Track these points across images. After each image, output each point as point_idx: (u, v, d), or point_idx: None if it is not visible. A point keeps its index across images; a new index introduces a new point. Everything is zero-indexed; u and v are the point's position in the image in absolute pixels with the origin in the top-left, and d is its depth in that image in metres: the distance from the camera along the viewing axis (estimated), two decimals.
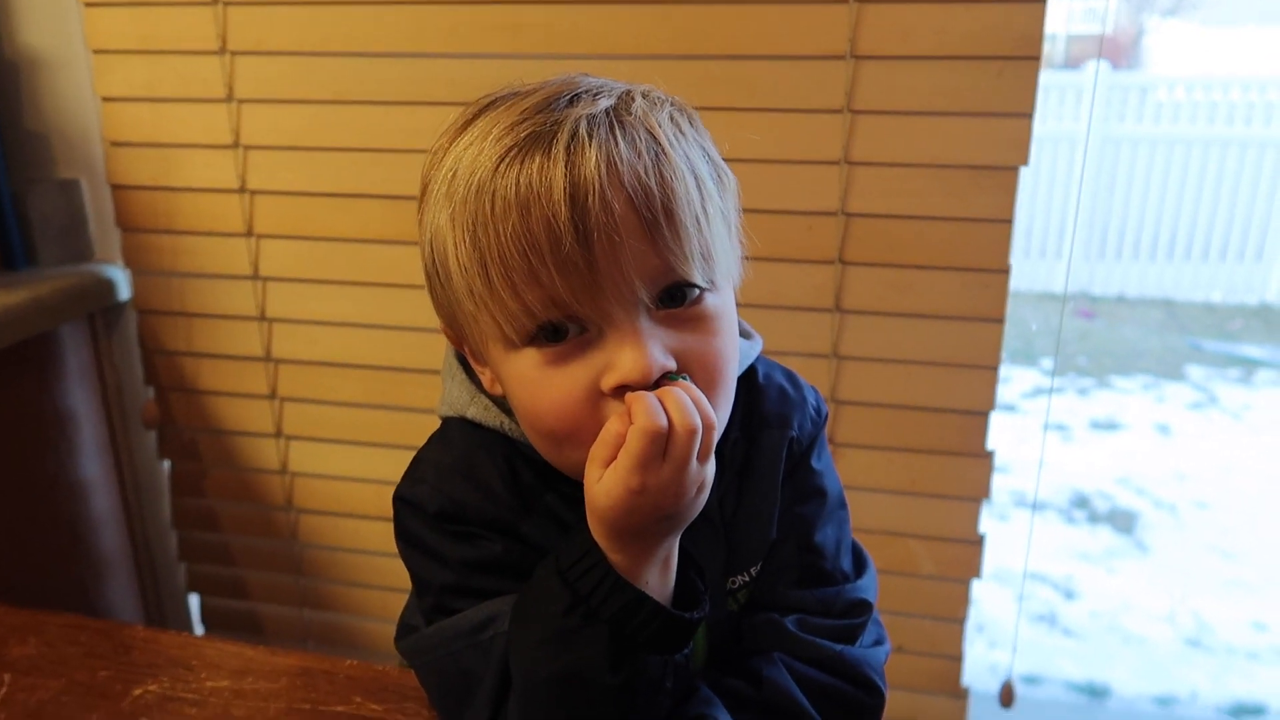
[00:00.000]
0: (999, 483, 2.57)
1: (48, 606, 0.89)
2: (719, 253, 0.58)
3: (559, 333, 0.55)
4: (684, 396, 0.53)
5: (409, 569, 0.66)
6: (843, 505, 0.72)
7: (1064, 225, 4.83)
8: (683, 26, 1.10)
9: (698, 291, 0.57)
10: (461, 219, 0.55)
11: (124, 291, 1.37)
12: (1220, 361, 4.06)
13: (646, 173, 0.53)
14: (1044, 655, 2.15)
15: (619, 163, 0.53)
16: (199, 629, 1.54)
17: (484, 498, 0.62)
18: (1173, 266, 4.88)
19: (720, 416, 0.60)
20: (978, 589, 1.22)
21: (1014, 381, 3.71)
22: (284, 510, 1.41)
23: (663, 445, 0.52)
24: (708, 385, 0.57)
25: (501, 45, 1.15)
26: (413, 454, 1.35)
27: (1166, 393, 3.74)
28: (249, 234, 1.29)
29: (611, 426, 0.54)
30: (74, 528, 1.38)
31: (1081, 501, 2.93)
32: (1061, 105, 4.74)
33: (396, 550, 0.66)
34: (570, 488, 0.62)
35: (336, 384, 1.34)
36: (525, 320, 0.55)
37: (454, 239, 0.56)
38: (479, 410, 0.65)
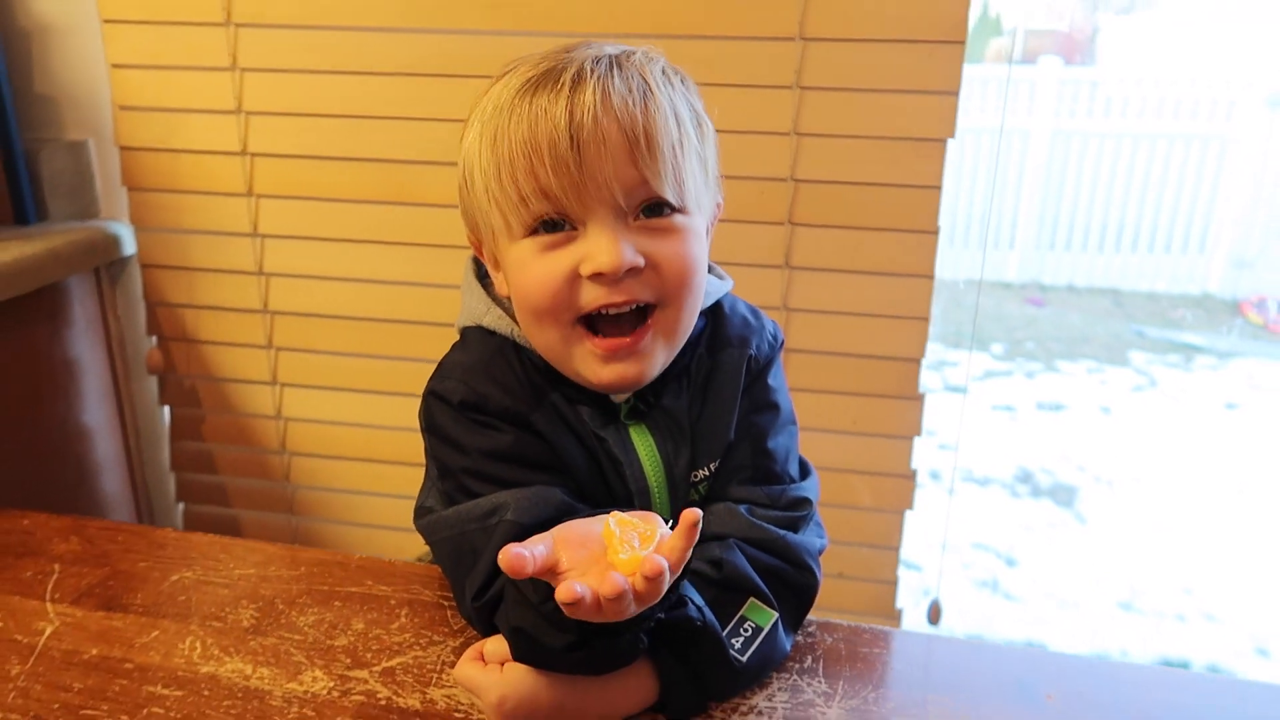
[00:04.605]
0: (949, 460, 2.71)
1: None
2: (690, 181, 0.71)
3: (552, 226, 0.69)
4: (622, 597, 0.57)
5: (433, 456, 0.78)
6: (793, 421, 0.84)
7: (1016, 216, 4.99)
8: (649, 7, 1.21)
9: (669, 210, 0.70)
10: (487, 133, 0.69)
11: (129, 247, 1.46)
12: (1162, 348, 4.21)
13: (633, 104, 0.67)
14: (986, 618, 2.27)
15: (611, 93, 0.67)
16: None
17: (502, 391, 0.75)
18: (1119, 257, 5.04)
19: (687, 319, 0.73)
20: (926, 559, 1.33)
21: (963, 365, 3.84)
22: (278, 453, 1.52)
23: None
24: (675, 282, 0.70)
25: (483, 22, 1.26)
26: (399, 399, 1.47)
27: (1110, 376, 3.87)
28: (249, 194, 1.39)
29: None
30: (80, 470, 1.47)
31: (1025, 477, 3.06)
32: (1017, 100, 4.88)
33: (421, 440, 0.79)
34: (570, 390, 0.76)
35: (329, 334, 1.44)
36: (523, 211, 0.69)
37: (479, 149, 0.70)
38: (493, 319, 0.78)
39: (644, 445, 0.77)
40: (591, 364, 0.72)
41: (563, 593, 0.56)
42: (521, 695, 0.66)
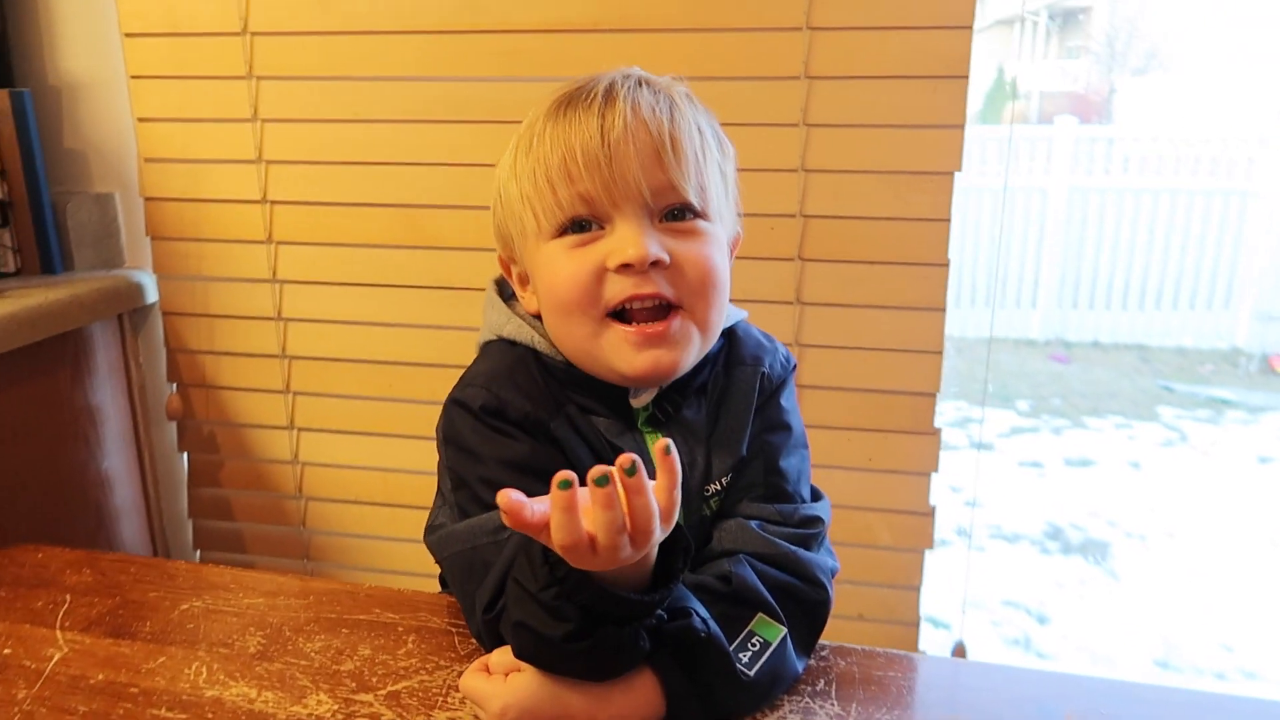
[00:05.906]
0: (972, 517, 2.67)
1: None
2: (712, 190, 0.74)
3: (581, 227, 0.72)
4: (614, 513, 0.56)
5: (448, 466, 0.78)
6: (804, 444, 0.85)
7: (1039, 274, 4.99)
8: (660, 51, 1.24)
9: (692, 214, 0.73)
10: (524, 145, 0.74)
11: (151, 294, 1.49)
12: (1190, 403, 4.17)
13: (661, 112, 0.72)
14: None
15: (641, 104, 0.72)
16: None
17: (524, 397, 0.76)
18: (1144, 315, 5.02)
19: (715, 319, 0.75)
20: (954, 616, 1.30)
21: (989, 422, 3.80)
22: (294, 498, 1.52)
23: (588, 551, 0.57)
24: (698, 282, 0.72)
25: (497, 70, 1.30)
26: (416, 442, 1.47)
27: (1139, 432, 3.83)
28: (269, 240, 1.42)
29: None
30: (99, 516, 1.48)
31: (1055, 533, 3.02)
32: (1032, 160, 4.92)
33: (438, 456, 0.80)
34: (586, 400, 0.77)
35: (346, 378, 1.45)
36: (558, 211, 0.72)
37: (514, 160, 0.75)
38: (514, 328, 0.79)
39: None
40: (625, 352, 0.73)
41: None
42: (524, 705, 0.65)
